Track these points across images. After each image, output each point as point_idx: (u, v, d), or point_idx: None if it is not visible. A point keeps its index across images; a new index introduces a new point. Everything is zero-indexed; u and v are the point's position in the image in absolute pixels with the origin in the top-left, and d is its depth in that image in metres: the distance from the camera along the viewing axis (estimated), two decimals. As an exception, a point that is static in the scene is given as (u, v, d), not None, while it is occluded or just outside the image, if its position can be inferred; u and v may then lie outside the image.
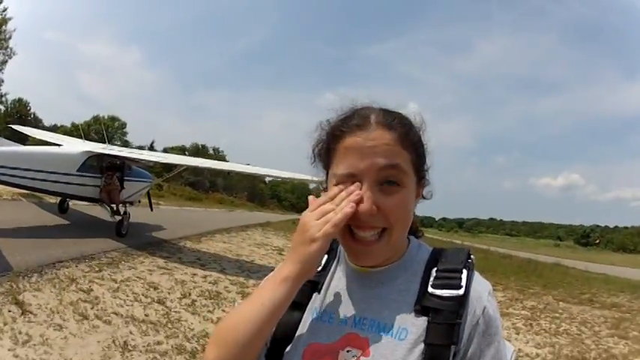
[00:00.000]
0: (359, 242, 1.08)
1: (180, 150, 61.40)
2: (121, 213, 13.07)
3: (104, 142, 16.50)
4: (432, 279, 1.08)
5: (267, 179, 70.15)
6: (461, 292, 1.04)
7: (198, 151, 65.00)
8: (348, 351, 1.07)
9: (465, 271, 1.07)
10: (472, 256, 1.13)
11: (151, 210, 17.20)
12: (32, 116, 51.75)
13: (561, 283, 17.74)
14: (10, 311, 5.63)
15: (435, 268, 1.10)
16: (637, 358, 8.06)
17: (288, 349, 1.14)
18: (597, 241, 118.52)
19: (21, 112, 49.29)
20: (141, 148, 41.95)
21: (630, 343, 9.01)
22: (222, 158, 61.05)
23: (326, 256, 1.23)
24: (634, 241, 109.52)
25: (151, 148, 51.25)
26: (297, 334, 1.15)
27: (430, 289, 1.07)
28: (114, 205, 13.21)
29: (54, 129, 41.06)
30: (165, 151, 50.63)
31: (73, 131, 31.68)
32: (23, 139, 21.22)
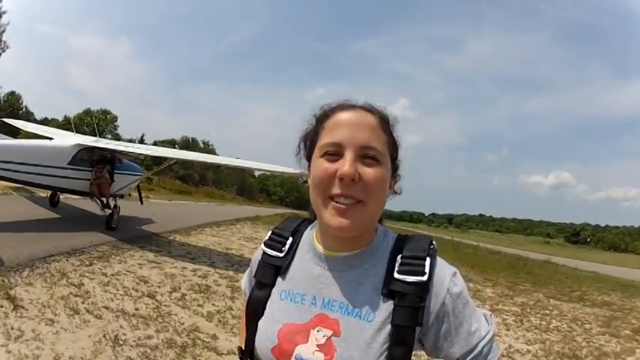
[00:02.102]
0: (337, 207, 1.13)
1: (170, 143, 60.71)
2: (111, 206, 13.03)
3: (95, 135, 16.40)
4: (397, 265, 1.16)
5: (257, 173, 70.13)
6: (424, 278, 1.12)
7: (189, 144, 64.57)
8: (318, 330, 1.15)
9: (428, 259, 1.15)
10: (434, 244, 1.22)
11: (141, 203, 17.11)
12: (24, 109, 51.47)
13: (551, 280, 17.83)
14: (2, 306, 5.61)
15: (400, 255, 1.18)
16: (629, 357, 8.09)
17: (262, 328, 1.23)
18: (588, 240, 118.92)
19: (13, 106, 49.01)
20: (131, 141, 41.80)
21: (622, 341, 9.05)
22: (212, 151, 60.76)
23: (290, 239, 1.34)
24: (625, 240, 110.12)
25: (141, 141, 51.05)
26: (268, 313, 1.24)
27: (396, 275, 1.14)
28: (104, 199, 13.15)
29: (45, 122, 40.78)
30: (155, 144, 50.03)
31: (66, 124, 31.54)
32: (15, 133, 21.11)
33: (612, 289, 17.36)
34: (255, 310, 1.27)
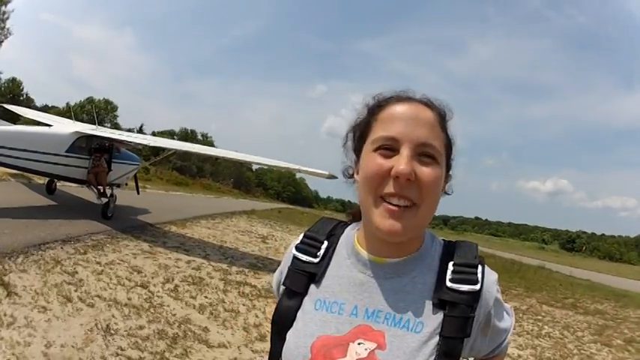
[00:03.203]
0: (389, 209, 1.05)
1: (169, 134, 60.75)
2: (108, 195, 13.01)
3: (94, 124, 16.35)
4: (449, 273, 1.10)
5: (255, 167, 70.12)
6: (477, 287, 1.08)
7: (187, 136, 64.70)
8: (359, 343, 1.06)
9: (479, 267, 1.12)
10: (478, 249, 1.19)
11: (138, 193, 17.08)
12: (24, 96, 51.44)
13: (545, 286, 17.96)
14: (-5, 292, 5.59)
15: (452, 262, 1.12)
16: None
17: (292, 340, 1.13)
18: (583, 247, 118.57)
19: (14, 92, 49.00)
20: (130, 131, 41.77)
21: (614, 350, 9.09)
22: (211, 144, 60.72)
23: (325, 243, 1.23)
24: (620, 250, 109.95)
25: (140, 131, 50.94)
26: (300, 325, 1.14)
27: (448, 283, 1.09)
28: (101, 187, 13.13)
29: (45, 109, 40.73)
30: (154, 134, 50.13)
31: (67, 112, 31.51)
32: (15, 119, 21.05)
33: (606, 298, 17.43)
34: (284, 321, 1.17)
